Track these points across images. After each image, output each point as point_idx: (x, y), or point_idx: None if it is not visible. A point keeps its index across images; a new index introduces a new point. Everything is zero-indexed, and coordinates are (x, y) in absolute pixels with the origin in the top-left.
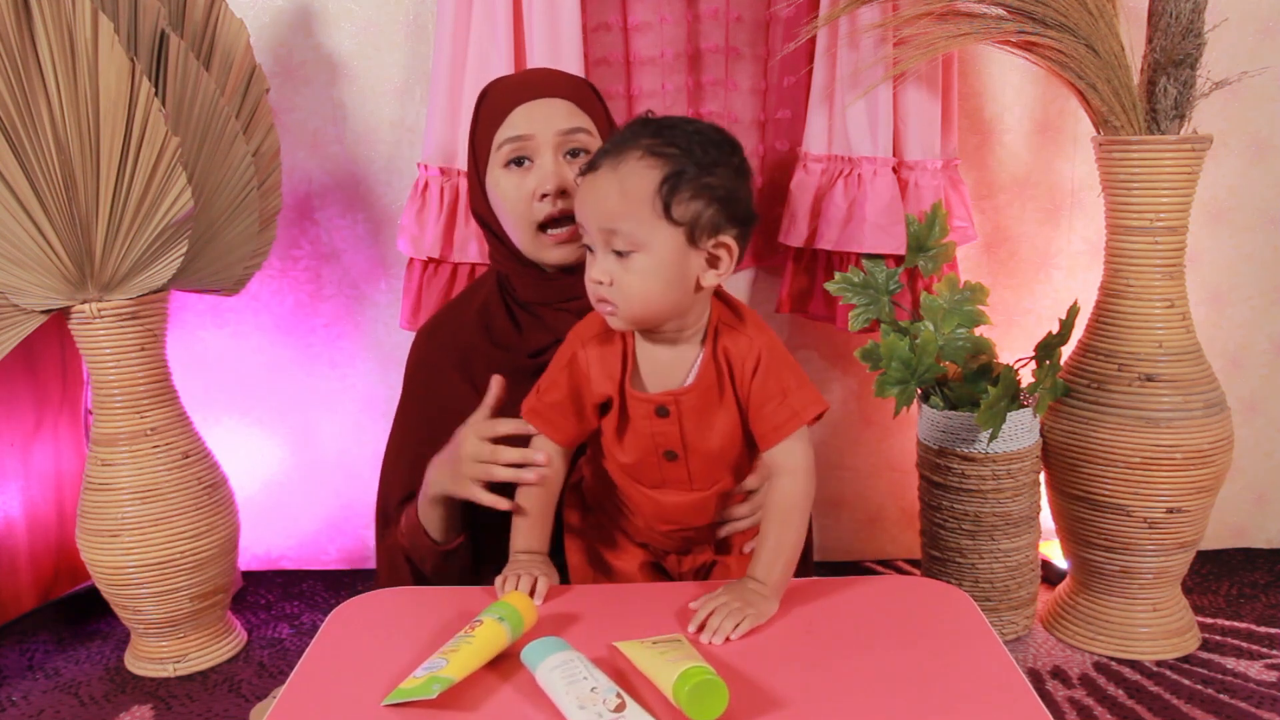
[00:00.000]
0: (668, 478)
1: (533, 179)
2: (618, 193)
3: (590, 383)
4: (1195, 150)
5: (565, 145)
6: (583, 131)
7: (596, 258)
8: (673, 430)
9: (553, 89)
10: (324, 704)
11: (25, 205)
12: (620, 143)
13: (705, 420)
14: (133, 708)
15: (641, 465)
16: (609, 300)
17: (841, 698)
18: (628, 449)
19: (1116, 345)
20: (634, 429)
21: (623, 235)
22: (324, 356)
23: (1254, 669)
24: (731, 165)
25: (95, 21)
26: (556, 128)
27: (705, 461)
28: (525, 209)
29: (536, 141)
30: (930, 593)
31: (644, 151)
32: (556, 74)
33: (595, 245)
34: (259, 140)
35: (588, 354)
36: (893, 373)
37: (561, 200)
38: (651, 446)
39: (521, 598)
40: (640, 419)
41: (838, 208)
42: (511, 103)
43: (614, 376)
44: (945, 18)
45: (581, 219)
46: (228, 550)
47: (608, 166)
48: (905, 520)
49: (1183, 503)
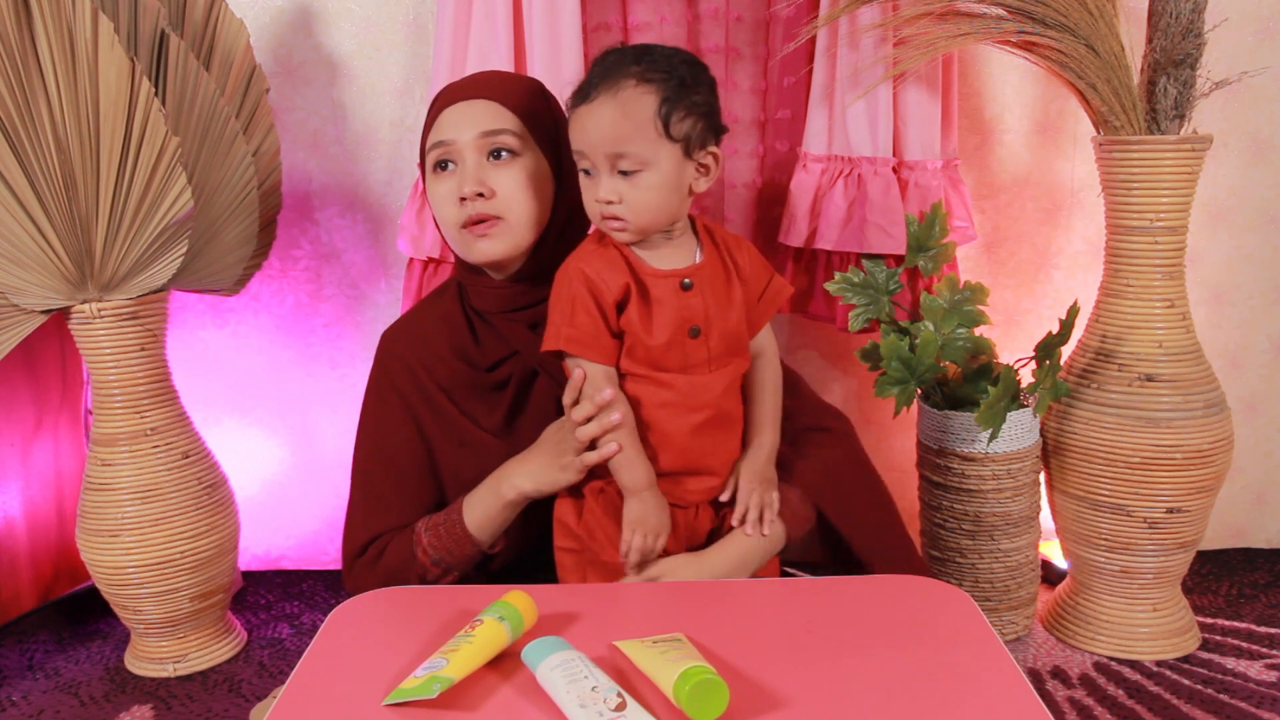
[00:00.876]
0: (691, 359)
1: (455, 182)
2: (622, 117)
3: (606, 285)
4: (1195, 150)
5: (486, 147)
6: (505, 132)
7: (600, 180)
8: (697, 303)
9: (479, 90)
10: (324, 704)
11: (25, 205)
12: (609, 72)
13: (723, 295)
14: (133, 708)
15: (670, 347)
16: (619, 216)
17: (841, 698)
18: (657, 331)
19: (1116, 345)
20: (661, 309)
21: (631, 156)
22: (324, 356)
23: (1254, 669)
24: (708, 82)
25: (95, 21)
26: (478, 129)
27: (723, 339)
28: (451, 211)
29: (459, 145)
30: (930, 593)
31: (637, 79)
32: (491, 75)
33: (598, 168)
34: (259, 140)
35: (593, 266)
36: (893, 373)
37: (481, 201)
38: (680, 322)
39: (522, 597)
40: (667, 295)
41: (838, 208)
42: (439, 107)
43: (625, 271)
44: (945, 18)
45: (583, 146)
46: (228, 550)
47: (605, 95)
48: (905, 520)
49: (1183, 503)
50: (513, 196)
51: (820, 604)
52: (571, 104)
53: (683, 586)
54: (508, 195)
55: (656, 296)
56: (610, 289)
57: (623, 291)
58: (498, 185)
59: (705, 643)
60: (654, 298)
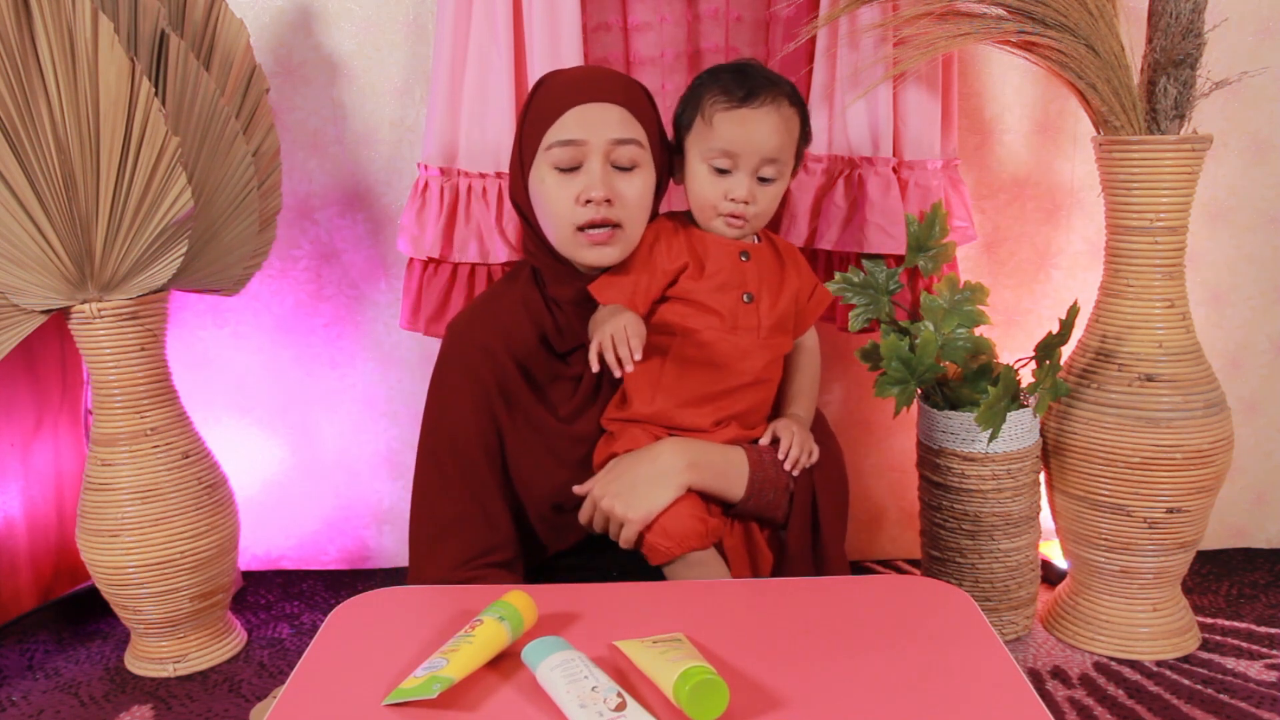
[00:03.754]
0: (741, 323)
1: (579, 183)
2: (784, 129)
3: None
4: (1195, 150)
5: (615, 153)
6: (634, 143)
7: (738, 180)
8: (752, 271)
9: (609, 93)
10: (324, 704)
11: (25, 205)
12: (768, 84)
13: (775, 277)
14: (133, 708)
15: (724, 306)
16: (742, 215)
17: (841, 698)
18: (712, 290)
19: (1116, 345)
20: (721, 271)
21: (777, 166)
22: (324, 356)
23: (1254, 669)
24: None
25: (95, 21)
26: (610, 136)
27: (772, 314)
28: (568, 210)
29: (588, 147)
30: (930, 593)
31: (789, 100)
32: (614, 76)
33: (741, 169)
34: (259, 140)
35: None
36: (893, 373)
37: (606, 207)
38: (737, 283)
39: (522, 597)
40: (726, 258)
41: (838, 208)
42: (566, 102)
43: (686, 247)
44: (945, 18)
45: (738, 147)
46: (228, 550)
47: (770, 105)
48: (905, 520)
49: (1183, 503)
50: (635, 206)
51: (820, 604)
52: (723, 104)
53: (683, 586)
54: (631, 205)
55: (715, 262)
56: (670, 265)
57: (680, 268)
58: (623, 193)
59: (705, 643)
60: (711, 267)
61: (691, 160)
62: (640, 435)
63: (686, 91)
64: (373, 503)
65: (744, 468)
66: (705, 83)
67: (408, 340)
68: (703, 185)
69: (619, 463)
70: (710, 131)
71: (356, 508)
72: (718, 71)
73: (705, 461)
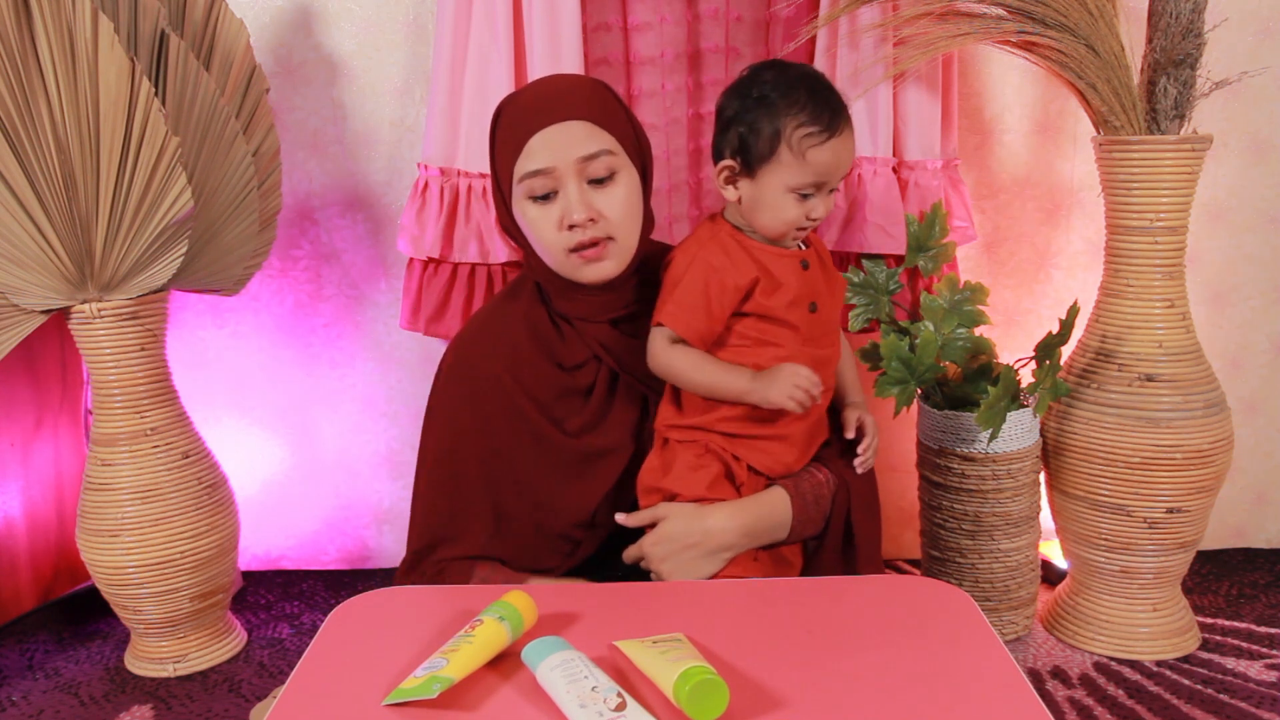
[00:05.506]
0: (811, 333)
1: (559, 209)
2: (850, 152)
3: (737, 276)
4: (1195, 150)
5: (589, 171)
6: (605, 154)
7: (820, 200)
8: (816, 278)
9: (568, 109)
10: (324, 704)
11: (25, 205)
12: (843, 106)
13: (829, 282)
14: (133, 708)
15: (799, 319)
16: (810, 229)
17: (841, 698)
18: (787, 305)
19: (1116, 345)
20: (790, 284)
21: (840, 181)
22: (324, 356)
23: (1254, 669)
24: None
25: (95, 21)
26: (577, 155)
27: (832, 320)
28: (554, 237)
29: (558, 172)
30: (930, 593)
31: (847, 121)
32: (570, 87)
33: (821, 191)
34: (259, 140)
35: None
36: (893, 373)
37: (591, 226)
38: (804, 295)
39: (522, 597)
40: (790, 274)
41: (838, 208)
42: (527, 131)
43: (750, 261)
44: (945, 18)
45: (827, 176)
46: (228, 550)
47: (849, 128)
48: (905, 520)
49: (1183, 503)
50: (622, 216)
51: (820, 604)
52: (815, 139)
53: (683, 586)
54: (616, 216)
55: (780, 275)
56: (742, 280)
57: (752, 283)
58: (605, 208)
59: (705, 643)
60: (778, 277)
61: (773, 189)
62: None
63: (754, 107)
64: (373, 503)
65: (788, 514)
66: (781, 108)
67: (408, 340)
68: (786, 210)
69: (671, 527)
70: (803, 165)
71: (356, 508)
72: (792, 92)
73: (756, 529)
